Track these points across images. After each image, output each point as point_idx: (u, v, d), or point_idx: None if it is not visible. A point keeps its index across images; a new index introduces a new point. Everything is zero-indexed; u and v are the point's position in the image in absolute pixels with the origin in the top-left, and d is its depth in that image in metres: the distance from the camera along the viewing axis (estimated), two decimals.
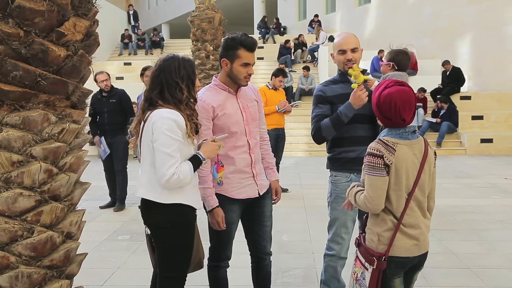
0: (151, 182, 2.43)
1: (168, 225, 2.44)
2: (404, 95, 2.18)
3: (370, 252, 2.25)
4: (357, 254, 2.38)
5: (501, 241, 4.84)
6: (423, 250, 2.29)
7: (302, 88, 14.07)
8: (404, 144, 2.20)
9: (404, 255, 2.23)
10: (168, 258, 2.48)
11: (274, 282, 3.39)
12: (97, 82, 6.32)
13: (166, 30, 29.14)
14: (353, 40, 2.93)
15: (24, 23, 2.02)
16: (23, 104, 2.09)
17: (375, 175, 2.18)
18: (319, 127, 2.91)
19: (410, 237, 2.23)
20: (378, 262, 2.20)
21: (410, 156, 2.20)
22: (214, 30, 10.68)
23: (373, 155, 2.18)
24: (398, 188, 2.20)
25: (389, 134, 2.24)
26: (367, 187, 2.22)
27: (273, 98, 6.83)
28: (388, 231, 2.23)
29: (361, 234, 2.43)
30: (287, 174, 8.68)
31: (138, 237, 5.12)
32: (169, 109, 2.37)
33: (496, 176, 8.55)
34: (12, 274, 2.08)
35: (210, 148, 2.51)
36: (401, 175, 2.18)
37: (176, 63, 2.42)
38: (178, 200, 2.42)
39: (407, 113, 2.19)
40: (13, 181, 2.07)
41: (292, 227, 5.45)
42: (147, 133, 2.38)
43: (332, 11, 21.80)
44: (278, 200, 3.08)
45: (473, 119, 12.19)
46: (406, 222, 2.23)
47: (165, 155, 2.30)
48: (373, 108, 2.32)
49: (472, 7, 14.12)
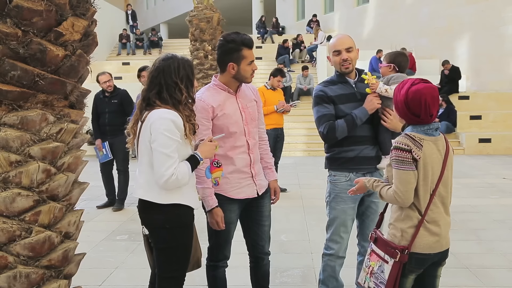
0: (149, 183, 2.41)
1: (167, 225, 2.43)
2: (432, 91, 2.21)
3: (392, 245, 2.26)
4: (372, 248, 2.38)
5: (499, 241, 4.85)
6: (445, 247, 2.31)
7: (300, 88, 14.08)
8: (430, 140, 2.23)
9: (425, 251, 2.24)
10: (167, 258, 2.48)
11: (272, 281, 3.39)
12: (100, 83, 6.30)
13: (164, 30, 29.11)
14: (347, 40, 2.93)
15: (22, 23, 2.01)
16: (21, 104, 2.09)
17: (404, 169, 2.18)
18: (334, 127, 2.88)
19: (432, 233, 2.25)
20: (401, 255, 2.21)
21: (435, 152, 2.23)
22: (212, 30, 10.66)
23: (401, 149, 2.19)
24: (425, 184, 2.22)
25: (415, 130, 2.25)
26: (396, 181, 2.22)
27: (271, 98, 6.83)
28: (413, 227, 2.25)
29: (376, 229, 2.44)
30: (286, 174, 8.68)
31: (136, 237, 5.12)
32: (168, 110, 2.36)
33: (494, 176, 8.57)
34: (10, 274, 2.08)
35: (208, 148, 2.50)
36: (428, 171, 2.21)
37: (176, 63, 2.41)
38: (177, 200, 2.42)
39: (435, 109, 2.23)
40: (11, 181, 2.07)
41: (291, 227, 5.45)
42: (145, 133, 2.37)
43: (330, 11, 21.81)
44: (277, 200, 3.08)
45: (471, 119, 12.21)
46: (429, 218, 2.25)
47: (164, 155, 2.29)
48: (396, 107, 2.31)
49: (470, 7, 14.15)
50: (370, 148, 2.95)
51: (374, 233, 2.41)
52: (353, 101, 2.93)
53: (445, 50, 15.03)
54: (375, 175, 2.96)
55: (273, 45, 19.14)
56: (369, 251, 2.41)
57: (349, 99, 2.94)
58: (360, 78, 3.00)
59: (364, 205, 3.05)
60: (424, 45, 15.96)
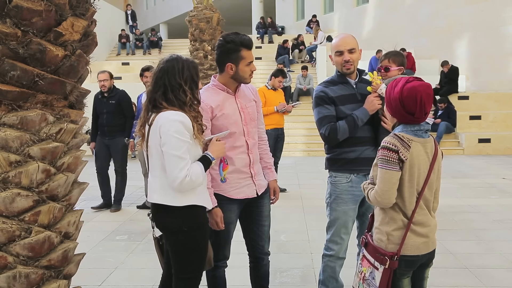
0: (164, 187, 2.38)
1: (185, 228, 2.40)
2: (427, 89, 2.19)
3: (381, 252, 2.24)
4: (363, 253, 2.36)
5: (498, 241, 4.85)
6: (431, 248, 2.29)
7: (300, 88, 14.09)
8: (419, 142, 2.21)
9: (413, 253, 2.22)
10: (185, 260, 2.46)
11: (272, 282, 3.39)
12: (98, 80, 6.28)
13: (164, 30, 29.12)
14: (350, 41, 2.92)
15: (21, 23, 2.01)
16: (20, 104, 2.09)
17: (388, 168, 2.17)
18: (335, 128, 2.87)
19: (419, 235, 2.23)
20: (391, 261, 2.19)
21: (423, 154, 2.22)
22: (212, 30, 10.68)
23: (388, 149, 2.18)
24: (411, 186, 2.20)
25: (404, 131, 2.23)
26: (379, 180, 2.21)
27: (272, 98, 6.83)
28: (398, 230, 2.23)
29: (367, 233, 2.41)
30: (285, 174, 8.68)
31: (136, 237, 5.12)
32: (175, 111, 2.34)
33: (494, 176, 8.57)
34: (10, 274, 2.08)
35: (218, 147, 2.49)
36: (414, 173, 2.19)
37: (180, 64, 2.39)
38: (192, 201, 2.40)
39: (429, 107, 2.20)
40: (10, 181, 2.07)
41: (290, 227, 5.45)
42: (155, 137, 2.34)
43: (330, 11, 21.81)
44: (276, 200, 3.08)
45: (471, 119, 12.21)
46: (416, 220, 2.23)
47: (176, 157, 2.27)
48: (388, 105, 2.28)
49: (469, 7, 14.16)
50: (371, 149, 2.93)
51: (365, 237, 2.39)
52: (353, 102, 2.93)
53: (445, 50, 15.04)
54: None
55: (272, 46, 19.17)
56: (361, 256, 2.40)
57: (349, 100, 2.93)
58: (360, 79, 3.00)
59: (364, 206, 3.04)
60: (423, 45, 15.97)
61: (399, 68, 3.10)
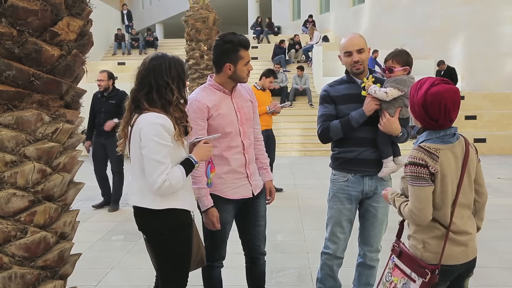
0: (142, 189, 2.36)
1: (164, 231, 2.38)
2: (454, 94, 2.02)
3: (421, 264, 2.08)
4: (395, 262, 2.21)
5: (494, 240, 4.87)
6: (471, 257, 2.14)
7: (296, 88, 14.09)
8: (447, 149, 2.05)
9: (450, 263, 2.08)
10: (168, 263, 2.44)
11: (268, 282, 3.39)
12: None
13: (160, 29, 29.08)
14: (358, 41, 2.88)
15: (17, 23, 2.00)
16: (16, 104, 2.08)
17: (421, 185, 2.02)
18: (327, 127, 2.90)
19: (458, 244, 2.09)
20: (432, 275, 2.03)
21: (453, 161, 2.07)
22: (208, 30, 10.65)
23: (416, 165, 2.02)
24: (444, 196, 2.06)
25: (429, 139, 2.08)
26: (412, 198, 2.06)
27: (261, 99, 6.71)
28: (435, 238, 2.09)
29: (398, 241, 2.27)
30: (281, 174, 8.69)
31: (132, 237, 5.11)
32: (156, 113, 2.29)
33: (489, 176, 8.59)
34: (5, 275, 2.07)
35: (203, 150, 2.45)
36: (447, 183, 2.05)
37: (167, 62, 2.34)
38: (172, 205, 2.37)
39: (455, 114, 2.04)
40: (6, 181, 2.06)
41: (286, 227, 5.46)
42: (135, 139, 2.31)
43: (326, 11, 21.85)
44: (272, 200, 3.08)
45: (466, 119, 12.24)
46: (454, 228, 2.08)
47: (155, 162, 2.23)
48: (412, 109, 2.14)
49: (465, 7, 14.20)
50: (370, 151, 2.92)
51: (397, 245, 2.23)
52: (357, 102, 2.89)
53: (440, 50, 15.09)
54: (375, 178, 2.95)
55: (269, 45, 19.15)
56: (392, 265, 2.23)
57: (353, 99, 2.91)
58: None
59: (363, 207, 3.05)
60: (419, 45, 16.00)
61: (404, 68, 2.88)
